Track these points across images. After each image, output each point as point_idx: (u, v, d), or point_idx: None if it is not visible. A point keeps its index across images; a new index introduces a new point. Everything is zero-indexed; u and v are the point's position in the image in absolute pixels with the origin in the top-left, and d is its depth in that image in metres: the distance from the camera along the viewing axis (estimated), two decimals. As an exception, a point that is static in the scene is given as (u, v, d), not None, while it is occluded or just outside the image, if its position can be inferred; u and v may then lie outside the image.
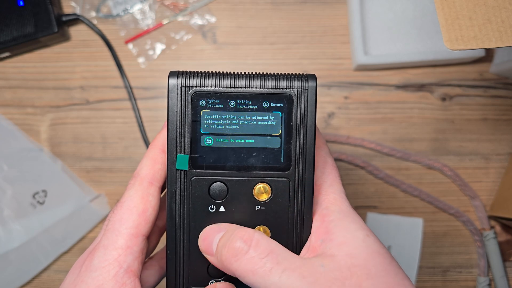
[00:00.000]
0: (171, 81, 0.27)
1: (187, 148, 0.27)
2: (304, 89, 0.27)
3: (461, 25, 0.29)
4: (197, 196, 0.27)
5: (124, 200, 0.27)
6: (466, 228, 0.50)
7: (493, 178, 0.50)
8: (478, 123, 0.51)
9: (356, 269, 0.24)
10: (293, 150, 0.27)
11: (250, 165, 0.27)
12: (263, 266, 0.24)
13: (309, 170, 0.27)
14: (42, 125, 0.50)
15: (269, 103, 0.27)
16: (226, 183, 0.27)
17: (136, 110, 0.50)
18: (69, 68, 0.51)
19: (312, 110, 0.27)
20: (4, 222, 0.46)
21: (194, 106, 0.27)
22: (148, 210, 0.27)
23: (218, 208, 0.28)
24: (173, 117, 0.27)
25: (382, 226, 0.50)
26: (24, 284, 0.49)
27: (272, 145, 0.27)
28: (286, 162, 0.27)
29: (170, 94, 0.27)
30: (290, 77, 0.27)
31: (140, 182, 0.28)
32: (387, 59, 0.49)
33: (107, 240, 0.26)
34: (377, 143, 0.50)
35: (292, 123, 0.27)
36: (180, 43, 0.51)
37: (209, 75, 0.27)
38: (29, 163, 0.49)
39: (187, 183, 0.27)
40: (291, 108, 0.27)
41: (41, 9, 0.48)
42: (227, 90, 0.27)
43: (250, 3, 0.52)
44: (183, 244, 0.28)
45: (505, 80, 0.51)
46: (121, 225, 0.27)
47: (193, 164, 0.27)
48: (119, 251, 0.26)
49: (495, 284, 0.49)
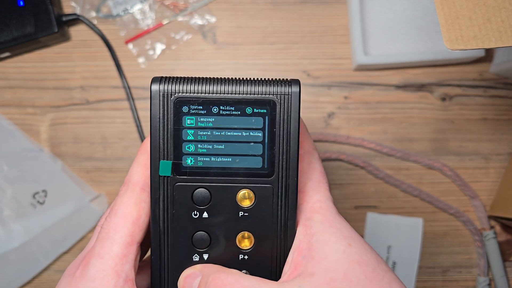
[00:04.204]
0: (153, 87, 0.27)
1: (170, 155, 0.27)
2: (288, 95, 0.27)
3: (461, 25, 0.29)
4: (181, 202, 0.27)
5: (117, 208, 0.27)
6: (466, 228, 0.50)
7: (493, 178, 0.50)
8: (478, 123, 0.51)
9: (336, 284, 0.24)
10: (276, 156, 0.27)
11: (233, 172, 0.27)
12: None
13: (292, 176, 0.27)
14: (42, 125, 0.50)
15: (252, 109, 0.27)
16: (209, 189, 0.27)
17: (134, 111, 0.50)
18: (69, 68, 0.51)
19: (295, 116, 0.27)
20: (4, 222, 0.46)
21: (176, 112, 0.26)
22: (142, 217, 0.27)
23: (201, 214, 0.27)
24: (155, 124, 0.27)
25: (382, 226, 0.50)
26: (24, 284, 0.49)
27: (256, 151, 0.27)
28: (269, 168, 0.27)
29: (153, 100, 0.26)
30: (274, 82, 0.27)
31: (132, 188, 0.27)
32: (387, 59, 0.49)
33: (101, 248, 0.26)
34: (377, 143, 0.50)
35: (275, 129, 0.27)
36: (180, 43, 0.51)
37: (192, 81, 0.27)
38: (29, 163, 0.49)
39: (171, 189, 0.27)
40: (275, 114, 0.27)
41: (41, 9, 0.48)
42: (209, 96, 0.26)
43: (250, 3, 0.52)
44: (168, 249, 0.28)
45: (505, 80, 0.51)
46: (116, 233, 0.26)
47: (176, 170, 0.27)
48: (115, 260, 0.26)
49: (495, 284, 0.49)
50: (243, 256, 0.28)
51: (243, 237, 0.28)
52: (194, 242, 0.28)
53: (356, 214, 0.50)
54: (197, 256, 0.28)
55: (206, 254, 0.28)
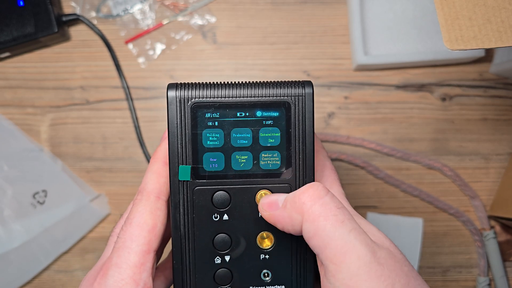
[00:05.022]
0: (170, 93, 0.27)
1: (189, 159, 0.27)
2: (302, 96, 0.27)
3: (461, 25, 0.29)
4: (201, 205, 0.28)
5: (133, 217, 0.27)
6: (466, 228, 0.50)
7: (493, 178, 0.50)
8: (478, 123, 0.51)
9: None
10: (293, 156, 0.28)
11: (252, 173, 0.28)
12: (337, 215, 0.24)
13: (309, 175, 0.28)
14: (42, 125, 0.50)
15: (268, 111, 0.27)
16: (229, 191, 0.28)
17: (132, 111, 0.50)
18: (69, 68, 0.51)
19: (310, 116, 0.27)
20: (4, 222, 0.46)
21: (194, 117, 0.27)
22: (158, 225, 0.27)
23: (221, 217, 0.28)
24: (173, 129, 0.27)
25: (382, 226, 0.50)
26: (24, 284, 0.49)
27: (272, 153, 0.28)
28: (286, 168, 0.28)
29: (170, 107, 0.27)
30: (287, 84, 0.27)
31: (147, 197, 0.28)
32: (387, 59, 0.49)
33: (119, 258, 0.26)
34: (377, 143, 0.50)
35: (291, 129, 0.27)
36: (180, 43, 0.51)
37: (207, 86, 0.27)
38: (30, 163, 0.49)
39: (190, 193, 0.28)
40: (290, 115, 0.27)
41: (41, 9, 0.48)
42: (225, 100, 0.27)
43: (250, 3, 0.52)
44: (189, 253, 0.28)
45: (505, 80, 0.51)
46: (133, 242, 0.27)
47: (195, 174, 0.27)
48: (134, 269, 0.26)
49: (495, 284, 0.49)
50: (264, 256, 0.28)
51: (263, 237, 0.28)
52: (216, 244, 0.28)
53: (356, 214, 0.50)
54: (219, 258, 0.28)
55: (228, 255, 0.28)
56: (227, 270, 0.28)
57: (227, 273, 0.28)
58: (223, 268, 0.28)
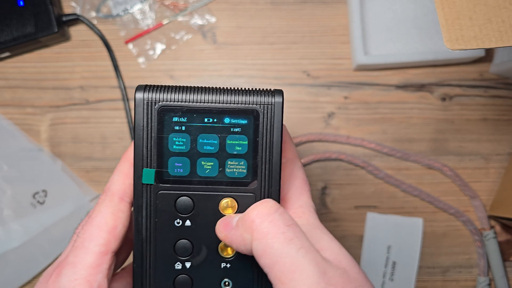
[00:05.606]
0: (137, 95, 0.27)
1: (153, 163, 0.27)
2: (271, 105, 0.27)
3: (461, 25, 0.29)
4: (164, 210, 0.27)
5: (94, 216, 0.27)
6: (466, 228, 0.50)
7: (493, 178, 0.50)
8: (478, 123, 0.51)
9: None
10: (259, 166, 0.27)
11: (216, 180, 0.27)
12: (285, 233, 0.24)
13: (274, 185, 0.27)
14: (42, 125, 0.50)
15: (236, 119, 0.27)
16: (192, 197, 0.27)
17: (128, 112, 0.50)
18: (69, 68, 0.51)
19: (278, 126, 0.27)
20: (4, 222, 0.46)
21: (160, 121, 0.27)
22: (118, 227, 0.27)
23: (184, 223, 0.28)
24: (139, 132, 0.27)
25: (382, 226, 0.50)
26: (24, 284, 0.49)
27: (238, 160, 0.27)
28: (252, 177, 0.27)
29: (137, 109, 0.27)
30: (257, 92, 0.27)
31: (110, 197, 0.27)
32: (387, 59, 0.49)
33: (75, 257, 0.26)
34: (377, 143, 0.50)
35: (258, 138, 0.27)
36: (180, 43, 0.51)
37: (176, 89, 0.27)
38: (29, 163, 0.49)
39: (154, 197, 0.27)
40: (258, 123, 0.27)
41: (41, 9, 0.48)
42: (193, 105, 0.27)
43: (250, 3, 0.52)
44: (150, 257, 0.28)
45: (505, 80, 0.51)
46: (91, 242, 0.26)
47: (159, 178, 0.27)
48: (89, 270, 0.26)
49: (495, 284, 0.49)
50: (225, 265, 0.28)
51: (225, 245, 0.28)
52: (177, 250, 0.28)
53: (356, 214, 0.50)
54: (179, 264, 0.28)
55: (189, 262, 0.28)
56: (187, 277, 0.28)
57: (187, 280, 0.28)
58: (183, 274, 0.28)
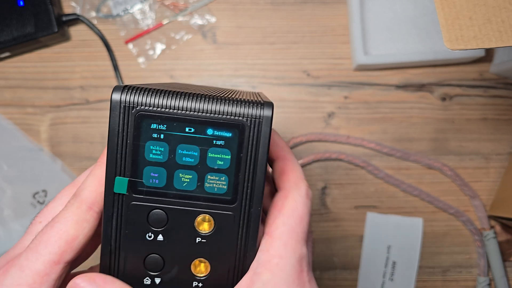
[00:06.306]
0: (114, 96, 0.24)
1: (127, 171, 0.25)
2: (259, 119, 0.24)
3: (461, 25, 0.29)
4: (135, 222, 0.25)
5: (57, 220, 0.25)
6: (466, 228, 0.50)
7: (493, 178, 0.50)
8: (478, 123, 0.51)
9: None
10: (240, 184, 0.25)
11: (194, 195, 0.25)
12: None
13: (256, 206, 0.25)
14: (42, 125, 0.50)
15: (220, 131, 0.24)
16: (166, 211, 0.25)
17: None
18: (69, 68, 0.51)
19: (265, 141, 0.24)
20: (4, 222, 0.46)
21: (137, 127, 0.24)
22: (79, 237, 0.25)
23: (156, 237, 0.26)
24: (114, 137, 0.24)
25: (382, 226, 0.50)
26: (24, 284, 0.49)
27: (219, 176, 0.25)
28: (232, 195, 0.25)
29: (112, 112, 0.24)
30: (245, 103, 0.24)
31: (78, 204, 0.26)
32: (387, 59, 0.49)
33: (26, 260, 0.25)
34: (377, 143, 0.50)
35: (242, 154, 0.25)
36: (180, 43, 0.51)
37: (158, 93, 0.24)
38: (29, 163, 0.49)
39: (125, 208, 0.25)
40: (243, 138, 0.24)
41: (41, 9, 0.48)
42: (174, 113, 0.24)
43: (250, 3, 0.52)
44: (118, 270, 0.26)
45: (505, 80, 0.51)
46: (45, 248, 0.24)
47: (133, 188, 0.25)
48: (35, 277, 0.24)
49: (495, 284, 0.49)
50: (197, 284, 0.26)
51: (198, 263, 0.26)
52: (147, 264, 0.26)
53: (356, 214, 0.50)
54: (148, 279, 0.26)
55: (159, 278, 0.26)
56: None
57: None
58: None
